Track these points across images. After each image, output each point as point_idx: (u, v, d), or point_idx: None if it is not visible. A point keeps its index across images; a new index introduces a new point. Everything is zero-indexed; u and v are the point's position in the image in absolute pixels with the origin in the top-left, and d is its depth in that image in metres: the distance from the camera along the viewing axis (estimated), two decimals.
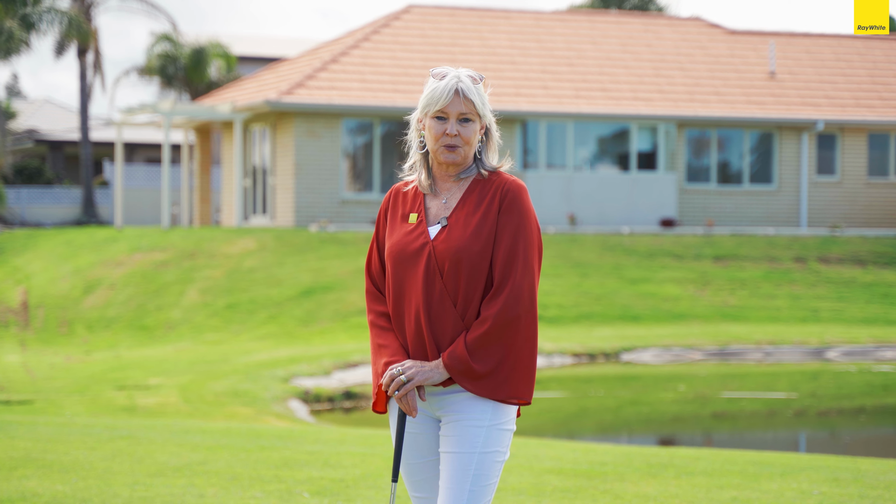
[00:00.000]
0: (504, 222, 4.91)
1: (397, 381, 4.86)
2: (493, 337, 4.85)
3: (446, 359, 4.85)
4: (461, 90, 4.92)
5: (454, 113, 4.92)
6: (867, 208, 37.59)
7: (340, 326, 25.07)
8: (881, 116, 37.57)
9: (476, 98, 4.93)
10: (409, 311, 4.94)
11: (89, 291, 28.09)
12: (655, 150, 36.01)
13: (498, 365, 4.86)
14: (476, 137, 4.97)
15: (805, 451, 15.22)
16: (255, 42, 61.52)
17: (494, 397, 4.86)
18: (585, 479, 9.55)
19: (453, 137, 4.92)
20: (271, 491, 8.92)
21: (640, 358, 22.87)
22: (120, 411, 16.31)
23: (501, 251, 4.89)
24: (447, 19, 38.65)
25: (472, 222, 4.92)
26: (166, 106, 35.67)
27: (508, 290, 4.86)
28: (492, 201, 4.94)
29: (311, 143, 33.68)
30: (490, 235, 4.90)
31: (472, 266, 4.87)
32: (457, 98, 4.91)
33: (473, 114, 4.94)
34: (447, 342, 4.89)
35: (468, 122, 4.94)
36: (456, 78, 4.94)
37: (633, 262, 30.08)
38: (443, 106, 4.91)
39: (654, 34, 40.20)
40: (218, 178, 44.98)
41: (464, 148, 4.94)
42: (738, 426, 17.81)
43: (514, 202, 4.93)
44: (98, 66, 46.23)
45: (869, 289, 29.74)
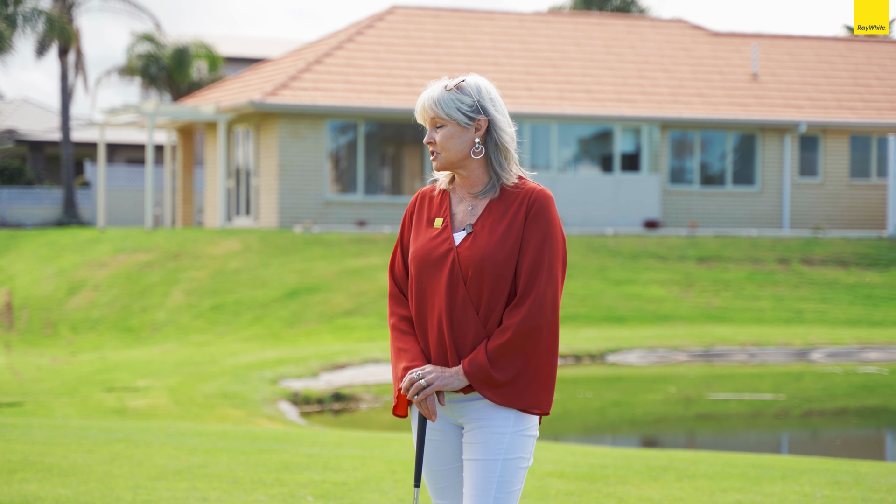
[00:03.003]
0: (530, 232, 4.92)
1: (417, 385, 4.87)
2: (514, 346, 4.85)
3: (466, 366, 4.87)
4: (423, 103, 5.04)
5: (427, 122, 5.06)
6: (849, 210, 37.73)
7: (326, 328, 25.05)
8: (863, 118, 37.71)
9: (438, 108, 5.00)
10: (431, 317, 4.96)
11: (73, 292, 28.01)
12: (639, 152, 36.08)
13: (518, 374, 4.87)
14: (455, 142, 5.00)
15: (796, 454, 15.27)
16: (236, 42, 61.43)
17: (514, 406, 4.87)
18: (588, 482, 9.57)
19: (432, 145, 5.03)
20: (274, 494, 8.91)
21: (626, 359, 22.91)
22: (111, 413, 16.27)
23: (527, 260, 4.90)
24: (431, 20, 38.66)
25: (498, 230, 4.93)
26: (150, 107, 35.60)
27: (532, 300, 4.87)
28: (518, 210, 4.95)
29: (296, 144, 33.66)
30: (515, 244, 4.91)
31: (496, 274, 4.88)
32: (423, 110, 5.05)
33: (441, 119, 5.02)
34: (468, 349, 4.90)
35: (440, 127, 5.03)
36: (427, 91, 5.07)
37: (618, 263, 30.14)
38: (420, 120, 5.09)
39: (638, 36, 40.27)
40: (201, 178, 44.90)
41: (443, 154, 5.02)
42: (727, 428, 17.87)
43: (542, 212, 4.94)
44: (80, 67, 46.10)
45: (852, 290, 29.84)
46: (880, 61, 41.20)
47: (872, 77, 40.12)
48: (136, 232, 33.88)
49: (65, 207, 45.11)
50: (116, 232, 34.26)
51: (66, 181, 44.85)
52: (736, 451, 13.75)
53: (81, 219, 45.46)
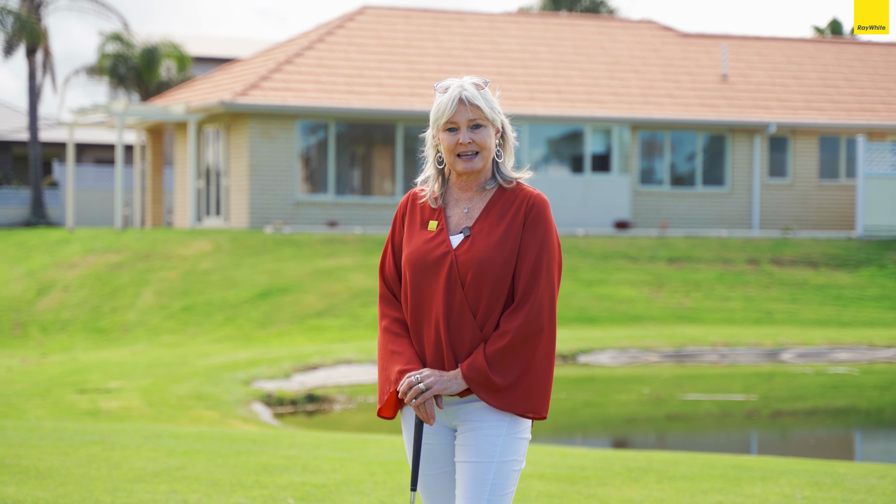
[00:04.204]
0: (529, 236, 4.90)
1: (416, 388, 4.83)
2: (513, 350, 4.83)
3: (465, 370, 4.84)
4: (465, 98, 4.92)
5: (463, 121, 4.91)
6: (818, 210, 37.88)
7: (298, 329, 25.00)
8: (832, 119, 37.87)
9: (482, 103, 4.93)
10: (427, 320, 4.92)
11: (43, 293, 27.87)
12: (609, 153, 36.14)
13: (517, 378, 4.85)
14: (492, 142, 4.96)
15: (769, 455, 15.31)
16: (204, 42, 61.24)
17: (513, 410, 4.85)
18: (568, 483, 9.57)
19: (467, 146, 4.91)
20: (255, 497, 8.88)
21: (597, 360, 22.93)
22: (84, 415, 16.19)
23: (525, 265, 4.87)
24: (402, 21, 38.63)
25: (496, 234, 4.90)
26: (119, 107, 35.44)
27: (530, 304, 4.85)
28: (516, 214, 4.92)
29: (266, 145, 33.57)
30: (514, 248, 4.88)
31: (496, 277, 4.86)
32: (462, 106, 4.91)
33: (483, 119, 4.94)
34: (465, 352, 4.87)
35: (480, 127, 4.93)
36: (459, 87, 4.94)
37: (589, 263, 30.17)
38: (450, 116, 4.90)
39: (608, 37, 40.34)
40: (170, 179, 44.74)
41: (482, 153, 4.93)
42: (699, 428, 17.90)
43: (539, 216, 4.93)
44: (48, 66, 45.86)
45: (821, 290, 29.95)
46: (849, 63, 41.38)
47: (841, 78, 40.30)
48: (105, 232, 33.72)
49: (33, 208, 44.87)
50: (86, 232, 34.10)
51: (34, 181, 44.60)
52: (709, 451, 13.78)
53: (50, 219, 45.24)
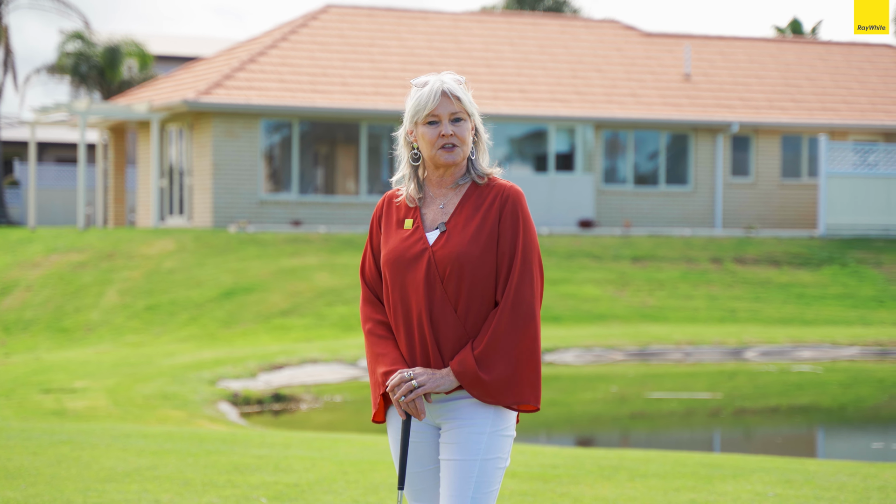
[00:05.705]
0: (505, 229, 4.91)
1: (408, 385, 4.82)
2: (499, 344, 4.84)
3: (456, 367, 4.84)
4: (447, 90, 4.93)
5: (445, 114, 4.93)
6: (781, 209, 38.07)
7: (263, 328, 24.94)
8: (794, 118, 38.05)
9: (463, 96, 4.95)
10: (410, 318, 4.92)
11: (6, 293, 27.70)
12: (573, 152, 36.21)
13: (505, 371, 4.85)
14: (470, 137, 4.98)
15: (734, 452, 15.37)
16: (165, 41, 61.01)
17: (503, 403, 4.85)
18: (541, 482, 9.58)
19: (450, 137, 4.92)
20: (227, 496, 8.85)
21: (562, 359, 22.97)
22: (50, 415, 16.10)
23: (505, 258, 4.89)
24: (365, 19, 38.59)
25: (471, 227, 4.91)
26: (82, 105, 35.27)
27: (513, 298, 4.86)
28: (490, 206, 4.94)
29: (230, 144, 33.48)
30: (489, 240, 4.89)
31: (473, 271, 4.87)
32: (445, 98, 4.92)
33: (463, 112, 4.96)
34: (450, 347, 4.87)
35: (460, 121, 4.95)
36: (440, 81, 4.96)
37: (553, 262, 30.21)
38: (432, 108, 4.91)
39: (571, 36, 40.42)
40: (133, 178, 44.55)
41: (461, 147, 4.95)
42: (664, 426, 17.95)
43: (515, 208, 4.94)
44: (9, 65, 45.60)
45: (784, 289, 30.09)
46: (810, 62, 41.60)
47: (803, 77, 40.51)
48: (67, 231, 33.55)
49: None
50: (48, 232, 33.92)
51: None
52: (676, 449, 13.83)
53: (10, 218, 44.99)
